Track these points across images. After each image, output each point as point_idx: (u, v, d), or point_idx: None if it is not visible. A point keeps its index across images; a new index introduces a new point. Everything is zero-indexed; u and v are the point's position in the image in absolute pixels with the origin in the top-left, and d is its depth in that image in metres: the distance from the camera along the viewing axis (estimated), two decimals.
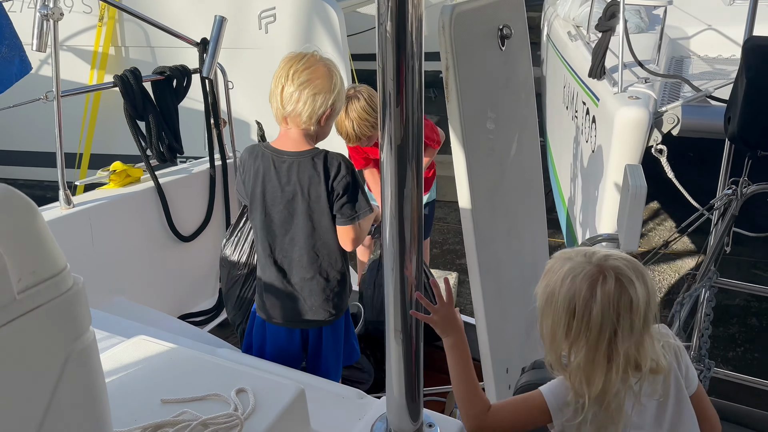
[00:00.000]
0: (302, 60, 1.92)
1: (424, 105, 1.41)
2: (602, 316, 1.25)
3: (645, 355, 1.29)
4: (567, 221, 5.31)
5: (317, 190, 1.99)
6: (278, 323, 2.15)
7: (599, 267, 1.28)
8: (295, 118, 1.94)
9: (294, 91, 1.90)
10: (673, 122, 3.70)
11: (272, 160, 2.01)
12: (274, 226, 2.06)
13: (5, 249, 0.78)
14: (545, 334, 1.36)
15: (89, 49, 5.20)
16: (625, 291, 1.26)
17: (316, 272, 2.08)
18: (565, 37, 5.78)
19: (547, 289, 1.34)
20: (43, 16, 2.32)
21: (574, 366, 1.30)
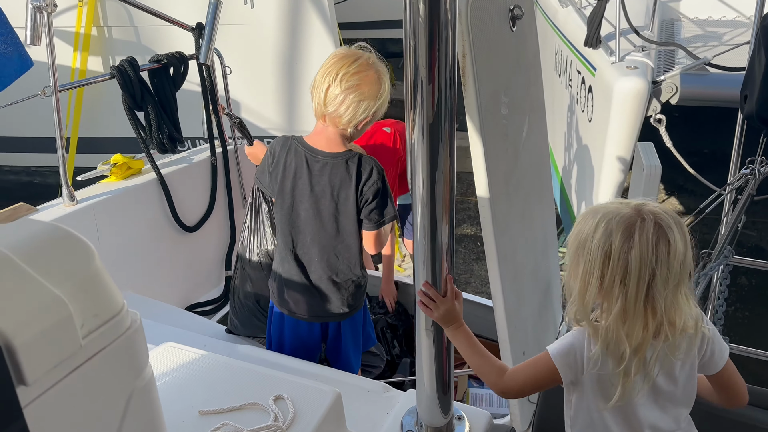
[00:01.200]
0: (353, 63, 1.87)
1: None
2: (640, 260, 1.20)
3: (680, 308, 1.25)
4: (561, 189, 5.32)
5: (347, 193, 1.97)
6: (298, 317, 2.14)
7: (637, 210, 1.24)
8: (335, 119, 1.91)
9: (339, 94, 1.86)
10: (671, 91, 3.69)
11: (305, 158, 1.99)
12: (299, 221, 2.04)
13: (68, 295, 0.75)
14: (574, 284, 1.30)
15: (71, 30, 5.04)
16: (664, 235, 1.21)
17: (335, 273, 2.08)
18: (554, 2, 5.71)
19: (579, 236, 1.28)
20: (35, 8, 2.23)
21: (611, 317, 1.24)
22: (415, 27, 1.28)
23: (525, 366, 1.46)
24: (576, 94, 4.67)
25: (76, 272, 0.79)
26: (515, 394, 1.51)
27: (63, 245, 0.80)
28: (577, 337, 1.33)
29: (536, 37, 2.49)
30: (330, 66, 1.89)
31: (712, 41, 4.68)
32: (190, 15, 4.08)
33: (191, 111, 3.11)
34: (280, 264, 2.13)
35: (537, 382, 1.42)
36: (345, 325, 2.18)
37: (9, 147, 5.60)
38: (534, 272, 2.53)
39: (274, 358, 2.01)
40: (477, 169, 1.92)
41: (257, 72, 4.98)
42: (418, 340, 1.61)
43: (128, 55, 4.95)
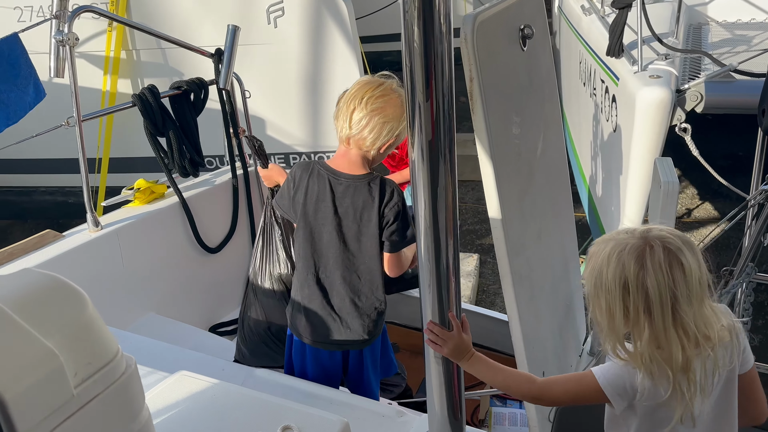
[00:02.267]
0: (378, 87, 1.92)
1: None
2: (658, 286, 1.22)
3: (710, 322, 1.27)
4: (589, 198, 5.26)
5: (369, 214, 2.00)
6: (319, 345, 2.15)
7: (644, 239, 1.26)
8: (359, 142, 1.95)
9: (364, 117, 1.90)
10: (696, 99, 3.62)
11: (329, 180, 2.01)
12: (321, 245, 2.06)
13: (60, 346, 0.78)
14: (600, 320, 1.32)
15: (101, 55, 5.19)
16: (675, 258, 1.23)
17: (357, 296, 2.08)
18: (578, 10, 5.66)
19: (594, 272, 1.31)
20: (58, 42, 2.31)
21: (643, 344, 1.26)
22: (410, 45, 1.29)
23: (565, 381, 1.48)
24: (600, 104, 4.62)
25: (69, 322, 0.81)
26: (550, 402, 1.53)
27: (57, 295, 0.83)
28: (626, 368, 1.34)
29: (550, 53, 2.47)
30: (355, 91, 1.94)
31: (740, 45, 4.58)
32: (215, 38, 4.18)
33: (217, 129, 3.18)
34: (299, 290, 2.14)
35: (579, 399, 1.44)
36: (366, 353, 2.18)
37: (44, 168, 5.79)
38: (553, 290, 2.50)
39: (289, 382, 2.03)
40: (488, 191, 1.92)
41: (281, 90, 5.05)
42: (427, 366, 1.61)
43: (156, 76, 5.10)
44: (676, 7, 4.48)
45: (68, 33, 2.30)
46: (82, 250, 2.47)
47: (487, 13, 1.88)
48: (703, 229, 5.70)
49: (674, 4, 4.67)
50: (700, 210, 6.04)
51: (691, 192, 6.24)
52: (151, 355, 2.08)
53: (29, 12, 5.22)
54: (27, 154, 5.67)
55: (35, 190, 6.06)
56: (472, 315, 3.09)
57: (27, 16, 5.22)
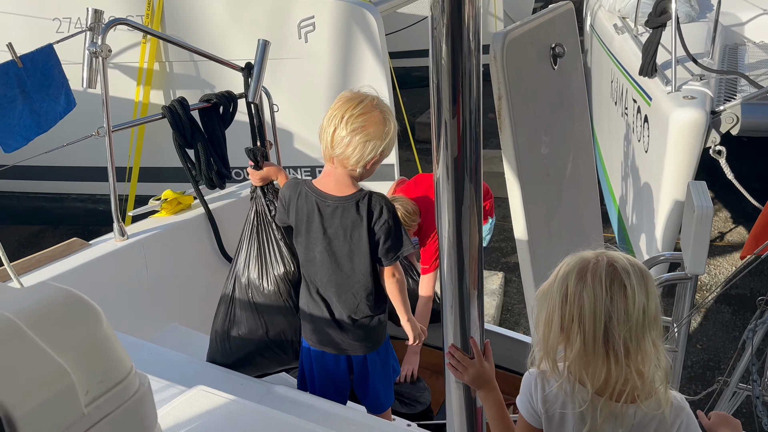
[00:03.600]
0: (358, 105, 1.89)
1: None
2: (594, 300, 1.22)
3: (648, 357, 1.24)
4: (619, 220, 5.17)
5: (359, 233, 1.98)
6: (323, 349, 2.16)
7: (595, 255, 1.28)
8: (343, 161, 1.93)
9: (345, 136, 1.88)
10: (732, 122, 3.54)
11: (316, 203, 2.01)
12: (315, 264, 2.07)
13: (72, 364, 0.77)
14: (539, 326, 1.34)
15: (134, 66, 5.28)
16: (618, 277, 1.23)
17: (353, 312, 2.08)
18: (611, 29, 5.60)
19: (544, 285, 1.34)
20: (91, 53, 2.35)
21: (572, 356, 1.26)
22: (437, 62, 1.27)
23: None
24: (632, 123, 4.55)
25: (83, 339, 0.80)
26: None
27: (72, 311, 0.82)
28: (527, 378, 1.39)
29: (582, 72, 2.44)
30: (335, 110, 1.91)
31: None
32: (246, 51, 4.22)
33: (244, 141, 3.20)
34: (304, 300, 2.17)
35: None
36: (371, 358, 2.18)
37: (76, 176, 5.89)
38: None
39: (307, 400, 2.00)
40: (515, 212, 1.89)
41: (309, 103, 5.08)
42: (447, 390, 1.58)
43: (188, 88, 5.17)
44: (712, 27, 4.40)
45: (101, 45, 2.34)
46: (107, 259, 2.49)
47: (517, 32, 1.86)
48: (736, 253, 5.55)
49: (710, 25, 4.59)
50: (734, 234, 5.89)
51: (724, 215, 6.10)
52: (171, 367, 2.07)
53: (68, 23, 5.34)
54: (60, 162, 5.78)
55: (67, 197, 6.18)
56: (496, 336, 3.03)
57: (65, 27, 5.34)
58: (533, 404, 1.37)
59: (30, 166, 3.85)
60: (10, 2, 5.44)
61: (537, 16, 2.07)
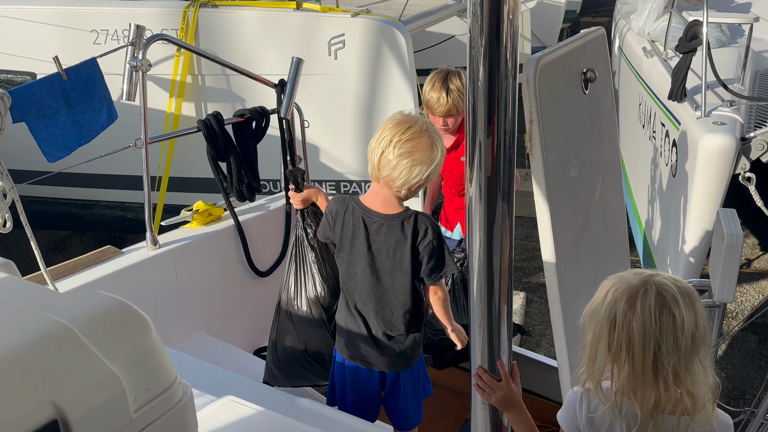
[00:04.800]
0: (408, 131, 1.92)
1: None
2: (643, 329, 1.24)
3: (697, 379, 1.26)
4: (644, 244, 5.12)
5: (402, 252, 2.02)
6: (357, 363, 2.18)
7: (643, 282, 1.28)
8: (389, 182, 1.98)
9: (392, 159, 1.92)
10: (762, 149, 3.52)
11: (363, 219, 2.05)
12: (356, 278, 2.10)
13: (123, 371, 0.80)
14: (586, 346, 1.35)
15: (168, 78, 5.40)
16: (667, 306, 1.24)
17: (389, 328, 2.11)
18: (639, 52, 5.60)
19: (592, 304, 1.35)
20: (132, 67, 2.42)
21: (620, 381, 1.28)
22: (474, 81, 1.30)
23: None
24: (660, 147, 4.53)
25: (133, 348, 0.84)
26: None
27: (124, 320, 0.86)
28: (572, 396, 1.40)
29: (612, 97, 2.45)
30: (385, 131, 1.95)
31: None
32: (277, 67, 4.29)
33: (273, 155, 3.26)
34: (341, 313, 2.20)
35: None
36: (404, 376, 2.20)
37: (105, 184, 6.01)
38: None
39: (332, 414, 2.02)
40: (543, 234, 1.90)
41: (336, 119, 5.14)
42: (473, 410, 1.59)
43: (219, 101, 5.27)
44: (743, 53, 4.38)
45: (142, 59, 2.41)
46: (139, 267, 2.55)
47: (550, 56, 1.88)
48: (763, 281, 5.47)
49: (741, 50, 4.56)
50: (761, 261, 5.81)
51: (751, 242, 6.01)
52: (198, 376, 2.11)
53: (105, 35, 5.48)
54: (90, 169, 5.89)
55: (96, 203, 6.30)
56: (516, 357, 3.02)
57: (102, 39, 5.48)
58: (576, 422, 1.39)
59: (63, 173, 3.95)
60: (50, 14, 5.60)
61: (570, 41, 2.09)
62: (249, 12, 5.30)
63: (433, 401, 2.96)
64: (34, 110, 2.31)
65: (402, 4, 5.52)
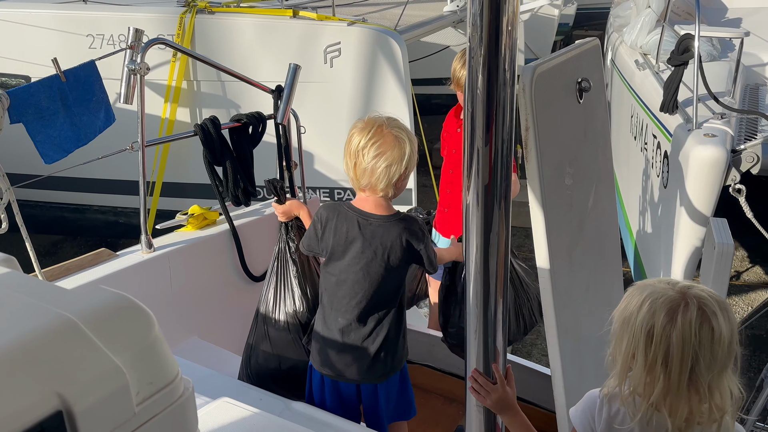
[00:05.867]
0: (369, 133, 1.96)
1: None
2: (683, 343, 1.22)
3: (725, 394, 1.26)
4: (635, 254, 5.16)
5: (397, 254, 2.04)
6: (337, 378, 2.16)
7: (682, 294, 1.26)
8: (373, 188, 2.01)
9: (367, 167, 1.96)
10: (752, 161, 3.56)
11: (358, 222, 2.05)
12: (347, 285, 2.09)
13: (126, 364, 0.81)
14: (618, 358, 1.33)
15: (163, 83, 5.41)
16: (707, 320, 1.23)
17: (375, 334, 2.11)
18: (632, 65, 5.66)
19: (625, 312, 1.31)
20: (130, 70, 2.43)
21: (654, 394, 1.26)
22: (473, 90, 1.32)
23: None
24: (651, 158, 4.58)
25: (136, 342, 0.85)
26: None
27: (127, 314, 0.86)
28: (591, 397, 1.40)
29: (605, 107, 2.48)
30: (350, 144, 1.99)
31: None
32: (273, 74, 4.32)
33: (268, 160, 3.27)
34: (323, 328, 2.16)
35: None
36: (381, 389, 2.17)
37: (98, 188, 6.01)
38: (600, 346, 2.45)
39: (326, 418, 2.02)
40: (538, 240, 1.91)
41: (331, 126, 5.16)
42: (468, 413, 1.60)
43: (214, 107, 5.28)
44: (734, 67, 4.44)
45: (141, 63, 2.42)
46: (134, 270, 2.55)
47: (546, 65, 1.91)
48: (753, 293, 5.51)
49: (731, 64, 4.63)
50: (750, 273, 5.86)
51: (741, 254, 6.07)
52: (193, 379, 2.09)
53: (101, 39, 5.50)
54: (83, 173, 5.91)
55: (89, 208, 6.29)
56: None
57: (98, 43, 5.50)
58: (593, 425, 1.38)
59: (55, 177, 3.95)
60: (47, 18, 5.61)
61: (565, 51, 2.12)
62: (245, 19, 5.33)
63: (426, 409, 2.97)
64: (32, 111, 2.32)
65: (398, 14, 5.58)
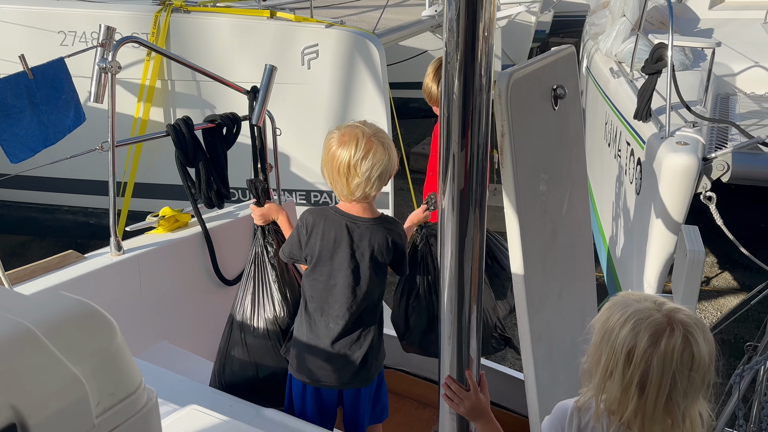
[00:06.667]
0: (358, 147, 1.94)
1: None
2: (663, 368, 1.21)
3: (696, 423, 1.25)
4: (608, 260, 5.21)
5: (383, 255, 2.06)
6: (318, 385, 2.14)
7: (668, 318, 1.23)
8: (367, 197, 2.03)
9: (361, 180, 1.96)
10: (723, 169, 3.62)
11: (346, 225, 2.04)
12: (335, 289, 2.07)
13: (86, 374, 0.78)
14: (594, 371, 1.31)
15: (137, 82, 5.32)
16: (689, 347, 1.21)
17: (359, 337, 2.11)
18: (607, 72, 5.73)
19: (606, 324, 1.28)
20: (101, 69, 2.38)
21: (627, 414, 1.25)
22: (449, 95, 1.31)
23: None
24: (625, 165, 4.63)
25: (97, 351, 0.81)
26: None
27: (88, 322, 0.83)
28: (562, 408, 1.38)
29: (580, 114, 2.49)
30: (338, 159, 1.95)
31: (767, 118, 4.58)
32: (249, 75, 4.27)
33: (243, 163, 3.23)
34: (307, 332, 2.13)
35: None
36: (364, 393, 2.18)
37: (67, 188, 5.88)
38: (572, 352, 2.46)
39: (297, 425, 1.99)
40: (512, 246, 1.91)
41: (308, 129, 5.13)
42: (441, 420, 1.59)
43: (188, 107, 5.21)
44: (705, 76, 4.52)
45: (112, 61, 2.37)
46: (102, 273, 2.49)
47: (522, 72, 1.91)
48: (722, 298, 5.61)
49: (703, 74, 4.71)
50: (719, 279, 5.96)
51: (710, 260, 6.17)
52: (161, 385, 2.06)
53: (72, 36, 5.39)
54: (52, 173, 5.78)
55: (58, 208, 6.15)
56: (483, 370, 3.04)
57: (70, 40, 5.39)
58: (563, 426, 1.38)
59: (24, 176, 3.85)
60: (17, 14, 5.49)
61: (540, 58, 2.13)
62: (222, 19, 5.27)
63: (400, 414, 2.96)
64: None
65: (376, 18, 5.57)
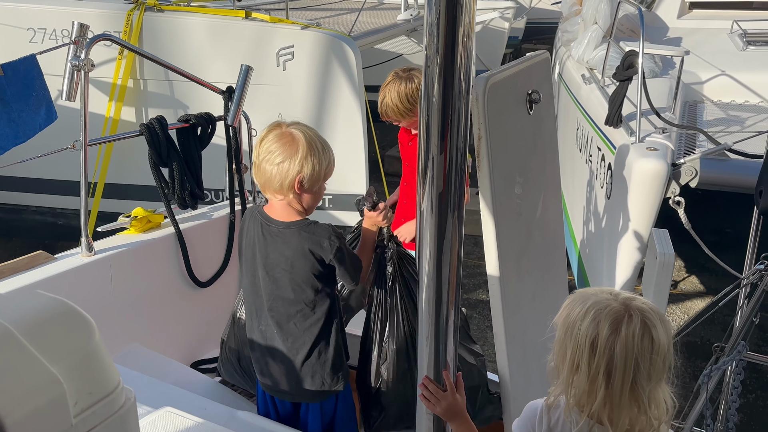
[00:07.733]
0: (268, 136, 1.93)
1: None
2: (626, 353, 1.24)
3: (660, 404, 1.29)
4: (579, 263, 5.29)
5: (302, 262, 1.93)
6: (268, 391, 2.11)
7: (625, 306, 1.28)
8: (274, 192, 1.93)
9: (263, 171, 1.91)
10: (691, 174, 3.70)
11: (261, 225, 1.99)
12: (260, 292, 2.02)
13: (64, 374, 0.77)
14: (561, 367, 1.34)
15: (108, 81, 5.24)
16: (648, 332, 1.26)
17: (295, 345, 2.00)
18: (578, 79, 5.82)
19: (568, 320, 1.32)
20: (74, 66, 2.34)
21: (597, 405, 1.27)
22: (429, 99, 1.32)
23: None
24: (596, 170, 4.70)
25: (75, 350, 0.80)
26: None
27: (65, 321, 0.82)
28: (532, 408, 1.41)
29: (554, 119, 2.54)
30: (254, 150, 1.98)
31: (733, 126, 4.70)
32: (224, 75, 4.24)
33: (218, 163, 3.20)
34: (249, 336, 2.10)
35: None
36: (314, 409, 2.07)
37: (36, 188, 5.76)
38: (544, 351, 2.49)
39: (270, 426, 1.98)
40: (488, 248, 1.93)
41: None
42: (418, 421, 1.60)
43: (161, 107, 5.15)
44: (674, 84, 4.62)
45: (85, 59, 2.33)
46: (73, 274, 2.44)
47: (498, 76, 1.94)
48: (689, 302, 5.73)
49: (672, 81, 4.81)
50: (687, 283, 6.09)
51: (678, 264, 6.29)
52: (134, 388, 2.03)
53: (42, 34, 5.29)
54: (20, 172, 5.66)
55: (26, 209, 6.02)
56: None
57: (39, 37, 5.29)
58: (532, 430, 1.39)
59: None
60: None
61: (516, 63, 2.16)
62: (196, 18, 5.23)
63: None
64: None
65: (352, 20, 5.57)
